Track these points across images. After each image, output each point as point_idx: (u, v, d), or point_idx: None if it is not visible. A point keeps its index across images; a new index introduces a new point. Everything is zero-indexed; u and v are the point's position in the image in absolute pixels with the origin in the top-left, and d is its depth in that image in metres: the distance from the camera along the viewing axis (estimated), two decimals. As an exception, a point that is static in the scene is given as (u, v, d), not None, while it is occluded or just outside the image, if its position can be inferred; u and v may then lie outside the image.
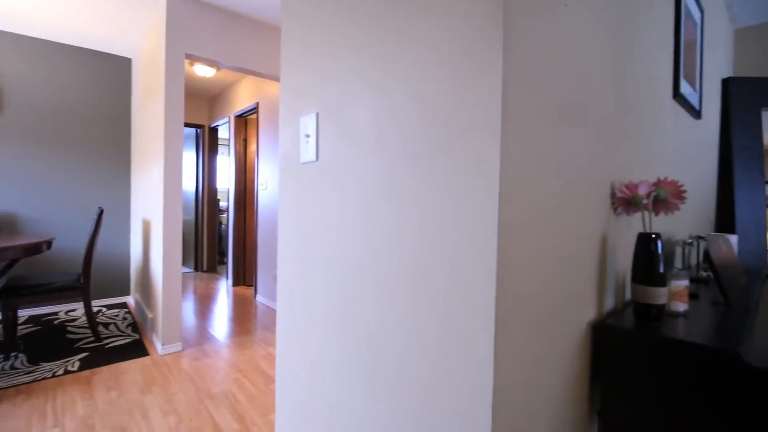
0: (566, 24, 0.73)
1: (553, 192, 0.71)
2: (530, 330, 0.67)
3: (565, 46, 0.73)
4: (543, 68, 0.66)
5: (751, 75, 2.77)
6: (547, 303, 0.72)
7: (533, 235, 0.66)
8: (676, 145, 1.54)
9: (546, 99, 0.67)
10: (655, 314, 0.86)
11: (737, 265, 1.32)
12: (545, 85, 0.67)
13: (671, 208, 0.93)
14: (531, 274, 0.66)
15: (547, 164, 0.68)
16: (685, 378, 0.77)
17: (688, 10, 1.62)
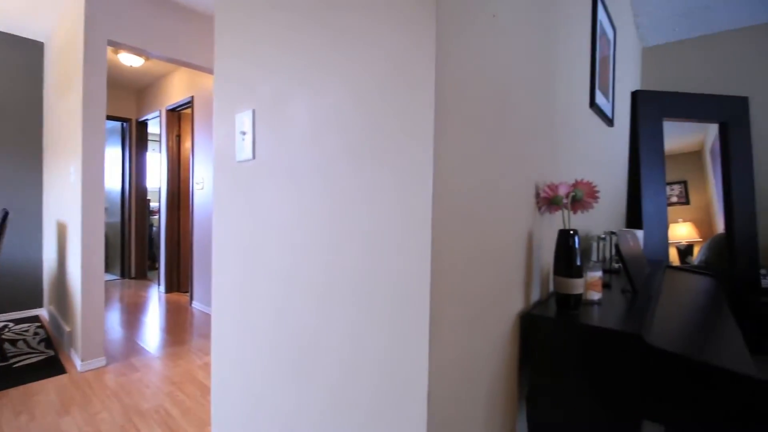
0: (496, 36, 0.78)
1: (484, 193, 0.76)
2: (464, 323, 0.70)
3: (495, 56, 0.78)
4: (475, 77, 0.70)
5: (656, 89, 3.15)
6: (480, 296, 0.76)
7: (466, 233, 0.70)
8: (592, 150, 1.71)
9: (477, 105, 0.71)
10: (574, 303, 0.95)
11: (642, 257, 1.50)
12: (477, 93, 0.71)
13: (586, 206, 1.03)
14: (465, 269, 0.70)
15: (478, 167, 0.73)
16: (600, 359, 0.85)
17: (603, 29, 1.80)
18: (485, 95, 0.75)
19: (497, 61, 0.80)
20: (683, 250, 2.91)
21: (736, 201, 2.70)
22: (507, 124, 0.85)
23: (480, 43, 0.72)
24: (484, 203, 0.76)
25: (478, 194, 0.74)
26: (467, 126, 0.69)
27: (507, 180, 0.86)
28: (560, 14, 1.21)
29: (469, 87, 0.69)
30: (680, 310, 1.15)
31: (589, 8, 1.61)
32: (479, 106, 0.73)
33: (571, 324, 0.89)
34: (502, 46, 0.82)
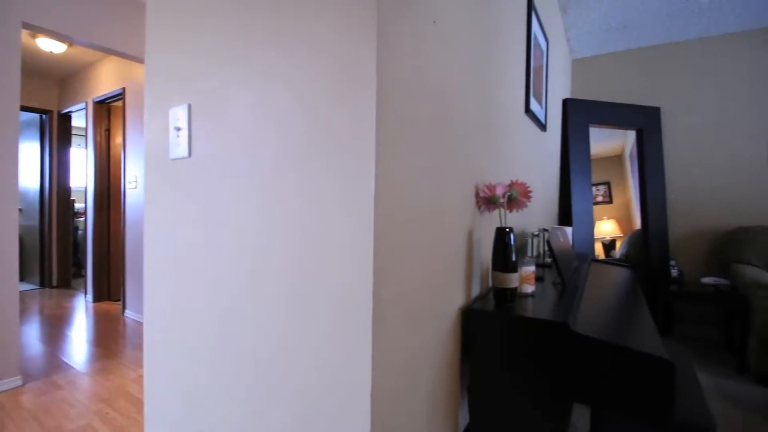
0: (437, 42, 0.81)
1: (426, 192, 0.78)
2: (407, 319, 0.72)
3: (437, 61, 0.81)
4: (417, 80, 0.72)
5: (584, 98, 3.44)
6: (423, 293, 0.79)
7: (409, 232, 0.72)
8: (528, 153, 1.83)
9: (420, 107, 0.73)
10: (510, 296, 1.01)
11: (571, 252, 1.63)
12: (419, 95, 0.73)
13: (521, 206, 1.10)
14: (408, 267, 0.72)
15: (420, 167, 0.75)
16: (533, 347, 0.92)
17: (537, 41, 1.93)
18: (428, 98, 0.78)
19: (439, 66, 0.83)
20: (607, 244, 3.21)
21: (650, 200, 3.03)
22: (449, 126, 0.89)
23: (422, 48, 0.75)
24: (426, 202, 0.79)
25: (421, 193, 0.76)
26: (410, 127, 0.71)
27: (449, 180, 0.90)
28: (498, 26, 1.28)
29: (411, 89, 0.71)
30: (602, 300, 1.27)
31: (524, 21, 1.72)
32: (422, 108, 0.75)
33: (506, 316, 0.95)
34: (443, 52, 0.85)
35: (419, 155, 0.75)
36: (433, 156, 0.82)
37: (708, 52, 3.02)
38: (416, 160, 0.74)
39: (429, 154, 0.80)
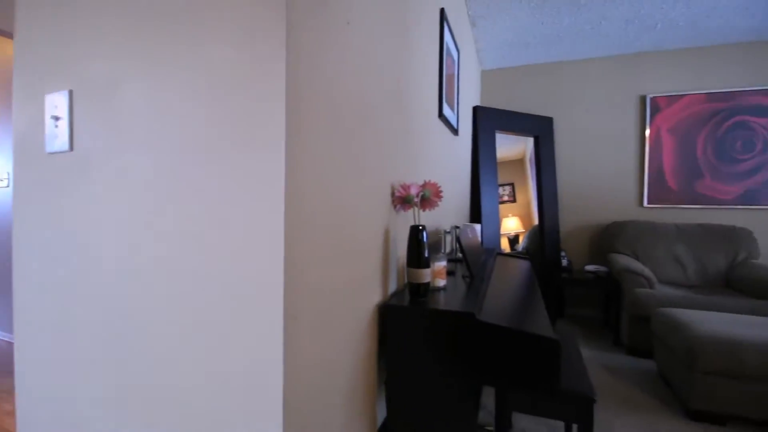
0: (352, 43, 0.82)
1: (342, 192, 0.79)
2: (322, 319, 0.72)
3: (352, 62, 0.82)
4: (331, 79, 0.72)
5: (491, 106, 3.75)
6: (339, 292, 0.79)
7: (324, 231, 0.72)
8: (441, 155, 1.95)
9: (334, 107, 0.74)
10: (423, 291, 1.07)
11: (479, 247, 1.78)
12: (334, 95, 0.73)
13: (433, 204, 1.17)
14: (323, 266, 0.72)
15: (335, 166, 0.76)
16: (444, 337, 0.98)
17: (449, 50, 2.06)
18: (345, 98, 0.78)
19: (356, 67, 0.84)
20: (512, 239, 3.55)
21: (545, 199, 3.43)
22: (367, 127, 0.91)
23: (336, 47, 0.75)
24: (342, 201, 0.80)
25: (336, 192, 0.77)
26: (323, 126, 0.71)
27: (366, 179, 0.92)
28: (412, 33, 1.34)
29: (327, 88, 0.71)
30: (505, 289, 1.41)
31: (437, 30, 1.82)
32: (338, 107, 0.76)
33: (420, 310, 1.00)
34: (360, 53, 0.87)
35: (335, 154, 0.76)
36: (350, 155, 0.83)
37: (590, 71, 3.51)
38: (332, 159, 0.75)
39: (346, 154, 0.81)
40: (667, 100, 3.27)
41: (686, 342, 1.84)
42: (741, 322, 1.95)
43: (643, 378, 2.26)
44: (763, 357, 1.68)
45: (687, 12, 2.65)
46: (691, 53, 3.23)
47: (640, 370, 2.38)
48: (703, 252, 2.93)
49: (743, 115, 3.09)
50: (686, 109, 3.23)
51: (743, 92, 3.08)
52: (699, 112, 3.19)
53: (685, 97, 3.22)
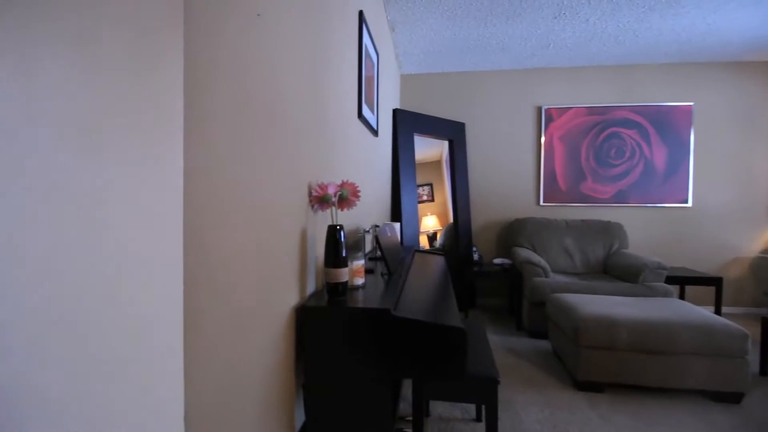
0: (264, 37, 0.79)
1: (254, 191, 0.75)
2: (231, 326, 0.68)
3: (264, 57, 0.79)
4: (239, 74, 0.69)
5: (411, 109, 3.90)
6: (252, 296, 0.76)
7: (233, 234, 0.68)
8: (362, 155, 1.97)
9: (247, 104, 0.70)
10: (341, 290, 1.07)
11: (398, 244, 1.84)
12: (242, 90, 0.70)
13: (351, 204, 1.18)
14: (233, 271, 0.68)
15: (247, 165, 0.72)
16: (363, 335, 0.99)
17: (368, 52, 2.09)
18: (255, 93, 0.75)
19: (268, 62, 0.81)
20: (431, 236, 3.74)
21: (459, 198, 3.67)
22: (281, 125, 0.88)
23: (245, 39, 0.72)
24: (252, 201, 0.76)
25: (247, 192, 0.73)
26: (232, 122, 0.67)
27: (279, 179, 0.89)
28: (330, 32, 1.34)
29: (233, 80, 0.67)
30: (421, 285, 1.48)
31: (356, 32, 1.84)
32: (247, 103, 0.72)
33: (337, 309, 1.00)
34: (273, 48, 0.84)
35: (247, 152, 0.72)
36: (264, 154, 0.80)
37: (497, 82, 3.84)
38: (243, 157, 0.71)
39: (259, 152, 0.77)
40: (558, 111, 3.73)
41: (573, 322, 2.12)
42: (615, 302, 2.31)
43: (541, 357, 2.56)
44: (631, 332, 2.01)
45: (573, 35, 3.04)
46: (576, 71, 3.72)
47: (539, 349, 2.68)
48: (586, 244, 3.40)
49: (616, 127, 3.65)
50: (572, 120, 3.71)
51: (615, 107, 3.65)
52: (582, 123, 3.70)
53: (572, 109, 3.71)
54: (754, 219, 3.54)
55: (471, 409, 1.89)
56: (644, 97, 3.63)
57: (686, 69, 3.58)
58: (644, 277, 2.83)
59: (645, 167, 3.62)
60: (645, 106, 3.61)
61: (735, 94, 3.53)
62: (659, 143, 3.60)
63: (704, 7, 2.56)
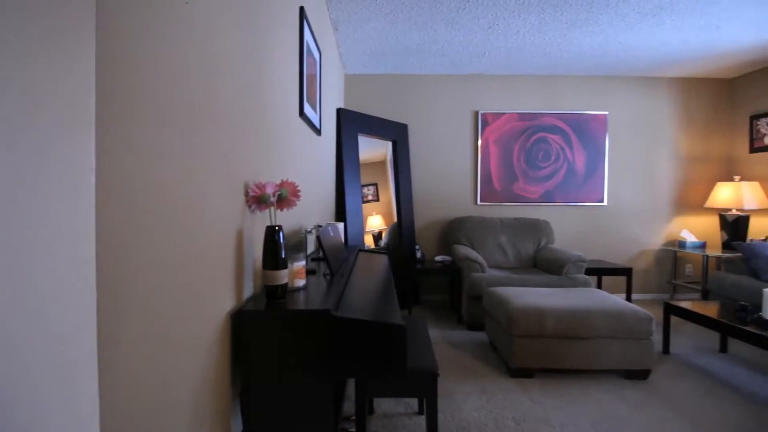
0: (194, 27, 0.74)
1: (182, 191, 0.71)
2: (157, 337, 0.64)
3: (194, 49, 0.74)
4: (166, 62, 0.64)
5: (355, 109, 3.90)
6: (181, 301, 0.71)
7: (156, 238, 0.63)
8: (304, 154, 1.94)
9: (173, 97, 0.65)
10: (281, 293, 1.05)
11: (341, 244, 1.83)
12: (174, 81, 0.65)
13: (291, 204, 1.15)
14: (157, 278, 0.63)
15: (176, 165, 0.67)
16: (305, 337, 0.98)
17: (310, 50, 2.05)
18: (183, 86, 0.70)
19: (198, 54, 0.76)
20: (376, 235, 3.77)
21: (402, 198, 3.75)
22: (212, 122, 0.83)
23: (170, 28, 0.67)
24: (180, 202, 0.72)
25: (171, 192, 0.68)
26: (153, 119, 0.62)
27: (212, 178, 0.85)
28: (269, 28, 1.29)
29: (158, 72, 0.62)
30: (363, 284, 1.49)
31: (296, 28, 1.80)
32: (174, 96, 0.67)
33: (276, 312, 0.98)
34: (203, 39, 0.79)
35: (173, 150, 0.68)
36: (194, 151, 0.75)
37: (437, 86, 3.98)
38: (167, 156, 0.66)
39: (188, 150, 0.73)
40: (493, 116, 3.96)
41: (506, 314, 2.27)
42: (543, 293, 2.51)
43: (479, 348, 2.70)
44: (557, 320, 2.19)
45: (505, 45, 3.25)
46: (509, 79, 3.98)
47: (476, 341, 2.83)
48: (519, 240, 3.65)
49: (543, 132, 3.96)
50: (506, 125, 3.96)
51: (543, 114, 3.96)
52: (514, 128, 3.96)
53: (505, 115, 3.96)
54: (658, 216, 4.04)
55: (414, 403, 1.95)
56: (567, 106, 3.98)
57: (602, 81, 3.99)
58: (567, 269, 3.10)
59: (568, 170, 3.97)
60: (567, 113, 3.96)
61: (643, 106, 4.00)
62: (580, 148, 3.97)
63: (616, 27, 2.87)
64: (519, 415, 1.85)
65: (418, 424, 1.77)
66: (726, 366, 2.39)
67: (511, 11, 2.65)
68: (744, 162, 3.87)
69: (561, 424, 1.77)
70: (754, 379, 2.21)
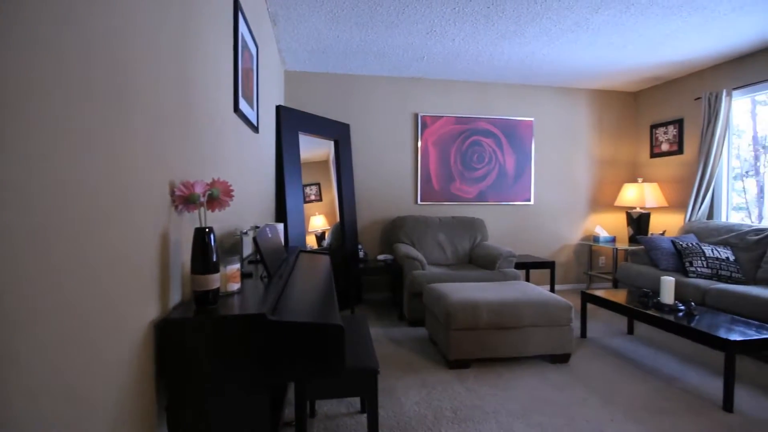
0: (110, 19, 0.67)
1: (94, 192, 0.64)
2: (64, 350, 0.58)
3: (106, 29, 0.67)
4: (65, 40, 0.58)
5: (296, 107, 3.81)
6: (91, 312, 0.65)
7: (55, 245, 0.57)
8: (240, 152, 1.85)
9: (68, 84, 0.59)
10: (212, 298, 0.99)
11: (280, 246, 1.78)
12: (69, 68, 0.58)
13: (223, 204, 1.10)
14: (62, 284, 0.57)
15: (83, 163, 0.61)
16: (237, 343, 0.93)
17: (246, 43, 1.97)
18: (91, 71, 0.64)
19: (108, 34, 0.70)
20: (319, 236, 3.72)
21: (345, 198, 3.74)
22: (131, 114, 0.77)
23: (79, 11, 0.60)
24: (89, 202, 0.65)
25: (76, 192, 0.62)
26: (57, 111, 0.56)
27: (130, 177, 0.78)
28: (201, 17, 1.21)
29: (58, 62, 0.56)
30: (303, 286, 1.47)
31: (231, 20, 1.71)
32: (76, 84, 0.61)
33: (206, 319, 0.93)
34: (121, 27, 0.72)
35: (78, 146, 0.61)
36: (106, 147, 0.69)
37: (378, 87, 4.02)
38: (72, 151, 0.60)
39: (98, 145, 0.66)
40: (431, 119, 4.10)
41: (445, 308, 2.37)
42: (478, 287, 2.65)
43: (419, 343, 2.78)
44: (490, 312, 2.33)
45: (443, 51, 3.38)
46: (447, 84, 4.14)
47: (417, 337, 2.91)
48: (456, 238, 3.82)
49: (478, 135, 4.18)
50: (443, 128, 4.13)
51: (477, 118, 4.18)
52: (451, 130, 4.14)
53: (443, 118, 4.12)
54: (576, 214, 4.47)
55: (357, 402, 1.96)
56: (498, 111, 4.25)
57: (529, 90, 4.31)
58: (500, 264, 3.32)
59: (499, 171, 4.24)
60: (499, 119, 4.22)
61: (564, 113, 4.40)
62: (510, 151, 4.26)
63: (541, 40, 3.12)
64: (456, 404, 1.94)
65: (361, 423, 1.78)
66: (633, 346, 2.71)
67: (448, 19, 2.77)
68: (646, 166, 4.42)
69: (494, 410, 1.89)
70: (656, 357, 2.53)
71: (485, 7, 2.59)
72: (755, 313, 2.43)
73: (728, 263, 2.99)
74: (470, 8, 2.61)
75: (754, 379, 2.21)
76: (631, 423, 1.78)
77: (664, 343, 2.77)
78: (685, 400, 1.98)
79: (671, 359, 2.49)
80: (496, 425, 1.77)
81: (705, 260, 3.03)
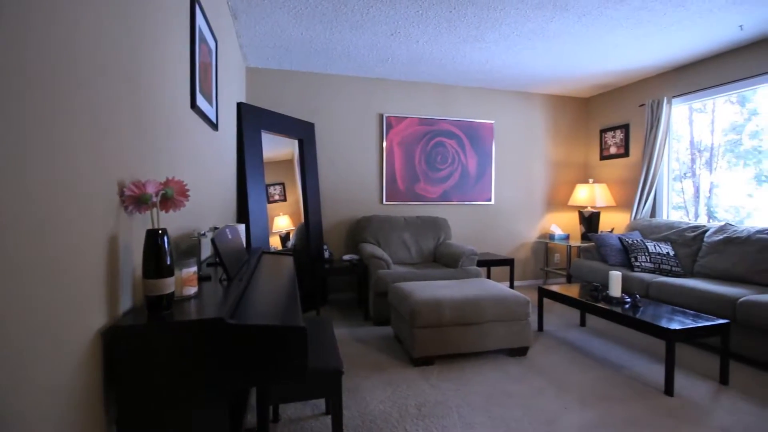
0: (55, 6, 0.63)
1: (27, 194, 0.60)
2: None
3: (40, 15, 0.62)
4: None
5: (258, 104, 3.71)
6: (26, 323, 0.60)
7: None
8: (198, 151, 1.78)
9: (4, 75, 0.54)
10: (166, 303, 0.95)
11: (241, 247, 1.73)
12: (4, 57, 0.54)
13: (178, 205, 1.05)
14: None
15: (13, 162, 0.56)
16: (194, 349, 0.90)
17: (203, 37, 1.89)
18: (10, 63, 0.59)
19: (47, 33, 0.65)
20: (284, 237, 3.64)
21: (310, 198, 3.69)
22: (75, 108, 0.71)
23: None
24: (16, 207, 0.60)
25: (10, 195, 0.57)
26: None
27: (72, 176, 0.73)
28: (155, 7, 1.15)
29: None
30: (265, 288, 1.43)
31: (187, 11, 1.64)
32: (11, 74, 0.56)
33: (163, 325, 0.89)
34: (53, 15, 0.67)
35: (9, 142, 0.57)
36: (41, 144, 0.64)
37: (344, 87, 4.00)
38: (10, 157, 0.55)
39: (33, 141, 0.61)
40: (396, 119, 4.13)
41: (409, 307, 2.40)
42: (441, 286, 2.71)
43: (385, 342, 2.80)
44: (452, 309, 2.39)
45: (407, 53, 3.41)
46: (411, 85, 4.19)
47: (383, 336, 2.93)
48: (420, 237, 3.88)
49: (441, 137, 4.27)
50: (408, 129, 4.18)
51: (440, 120, 4.26)
52: (415, 131, 4.20)
53: (407, 119, 4.17)
54: (534, 213, 4.67)
55: (322, 404, 1.94)
56: (461, 114, 4.36)
57: (490, 93, 4.45)
58: (462, 262, 3.40)
59: (462, 172, 4.35)
60: (461, 120, 4.33)
61: (522, 117, 4.58)
62: (472, 152, 4.38)
63: (500, 45, 3.24)
64: (420, 401, 1.97)
65: (326, 424, 1.77)
66: (585, 337, 2.88)
67: (412, 21, 2.80)
68: (596, 167, 4.70)
69: (457, 405, 1.94)
70: (605, 347, 2.70)
71: (448, 11, 2.65)
72: (692, 303, 2.66)
73: (669, 258, 3.24)
74: (433, 11, 2.66)
75: (691, 365, 2.41)
76: (584, 410, 1.89)
77: (613, 334, 2.95)
78: (631, 387, 2.12)
79: (619, 349, 2.66)
80: (458, 419, 1.81)
81: (648, 255, 3.27)
